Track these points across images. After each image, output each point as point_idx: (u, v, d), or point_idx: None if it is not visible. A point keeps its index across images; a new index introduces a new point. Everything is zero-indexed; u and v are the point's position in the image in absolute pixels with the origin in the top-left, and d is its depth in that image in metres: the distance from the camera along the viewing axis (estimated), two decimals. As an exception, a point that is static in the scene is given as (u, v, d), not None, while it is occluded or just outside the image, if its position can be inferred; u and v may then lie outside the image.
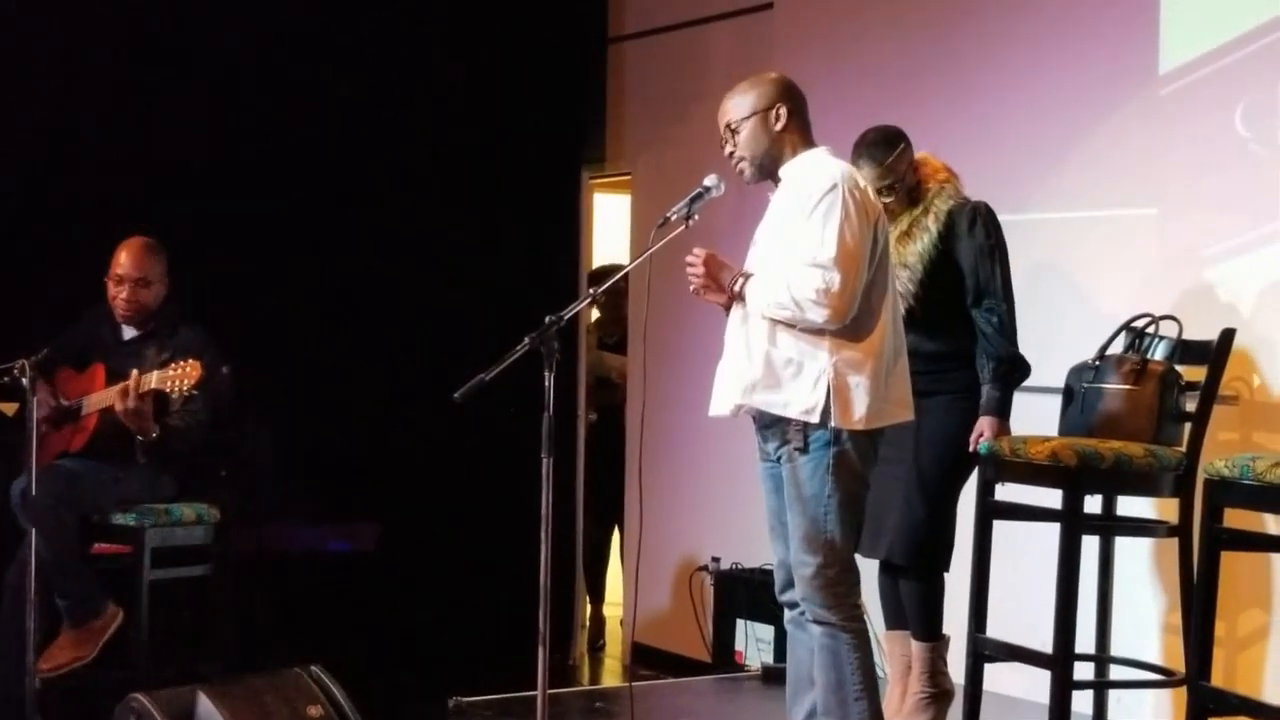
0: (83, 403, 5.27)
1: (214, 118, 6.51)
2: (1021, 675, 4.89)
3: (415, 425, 6.83)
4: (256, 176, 6.57)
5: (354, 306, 6.85)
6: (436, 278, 7.00)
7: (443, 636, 6.52)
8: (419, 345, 6.72)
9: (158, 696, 4.62)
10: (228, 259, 6.41)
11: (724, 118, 4.14)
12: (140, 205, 6.03)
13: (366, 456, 6.73)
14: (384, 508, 6.67)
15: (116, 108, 6.33)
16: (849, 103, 5.59)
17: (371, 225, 6.89)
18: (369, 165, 6.88)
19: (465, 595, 6.75)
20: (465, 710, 4.97)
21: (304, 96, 6.71)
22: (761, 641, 6.08)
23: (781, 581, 4.17)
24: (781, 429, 4.03)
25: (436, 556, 6.77)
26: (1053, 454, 4.33)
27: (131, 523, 5.22)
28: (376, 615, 6.53)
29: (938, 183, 4.67)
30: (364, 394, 6.79)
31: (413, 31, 6.96)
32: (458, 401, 3.80)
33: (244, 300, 6.39)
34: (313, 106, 6.75)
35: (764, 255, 4.12)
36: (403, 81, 6.96)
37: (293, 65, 6.70)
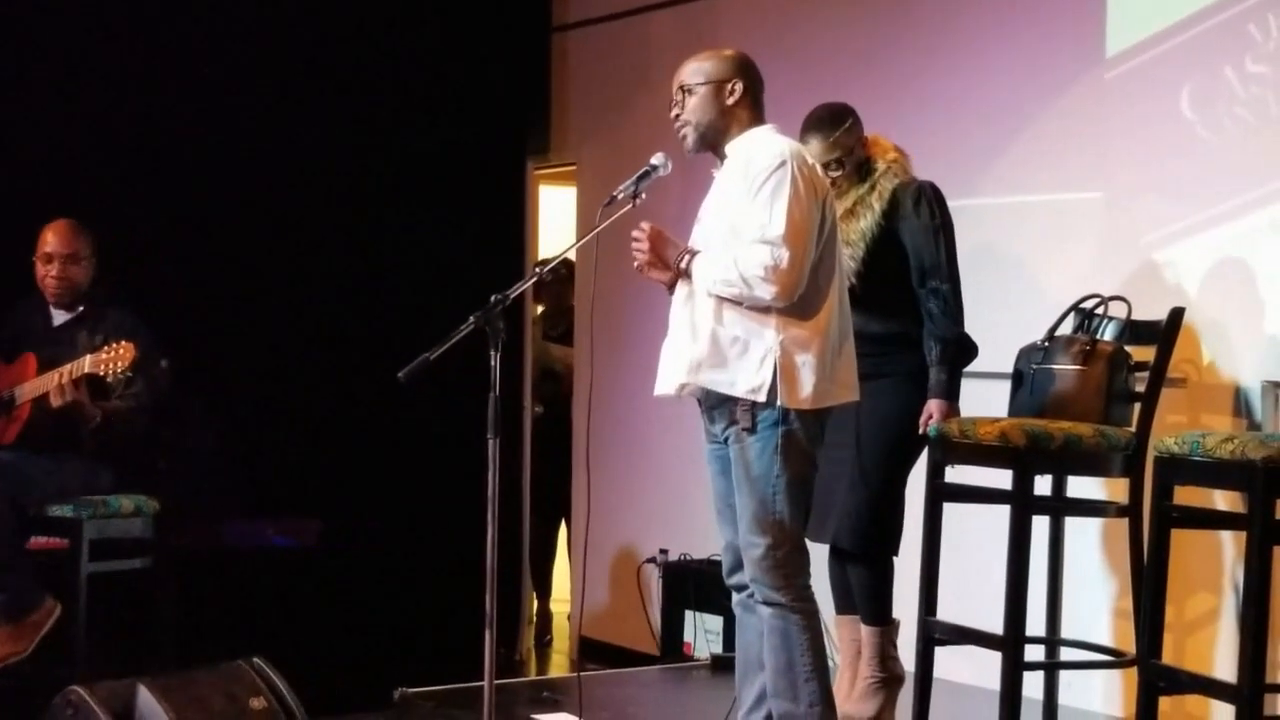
0: (15, 393, 5.18)
1: (147, 103, 6.42)
2: (972, 662, 4.87)
3: (358, 420, 6.76)
4: (193, 165, 6.49)
5: (295, 299, 6.76)
6: (380, 270, 6.94)
7: (387, 630, 6.45)
8: (362, 339, 6.64)
9: (96, 690, 4.54)
10: (163, 248, 6.32)
11: (678, 80, 4.11)
12: (69, 194, 5.92)
13: (308, 451, 6.65)
14: (326, 502, 6.59)
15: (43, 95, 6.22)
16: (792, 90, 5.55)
17: (313, 217, 6.81)
18: (311, 156, 6.79)
19: (409, 588, 6.68)
20: (410, 701, 4.91)
21: (243, 85, 6.63)
22: (710, 633, 6.04)
23: (729, 564, 4.13)
24: (728, 409, 3.99)
25: (380, 550, 6.70)
26: (1002, 434, 4.31)
27: (69, 514, 5.13)
28: (320, 609, 6.45)
29: (886, 162, 4.64)
30: (305, 388, 6.71)
31: (355, 20, 6.89)
32: (402, 381, 3.74)
33: (182, 291, 6.30)
34: (252, 95, 6.66)
35: (709, 232, 4.08)
36: (345, 71, 6.88)
37: (234, 54, 6.62)
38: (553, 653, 7.39)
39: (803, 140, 4.56)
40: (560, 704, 4.87)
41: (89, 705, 4.47)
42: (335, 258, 6.85)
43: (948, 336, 4.53)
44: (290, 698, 4.76)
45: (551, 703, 4.93)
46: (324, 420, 6.72)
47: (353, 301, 6.85)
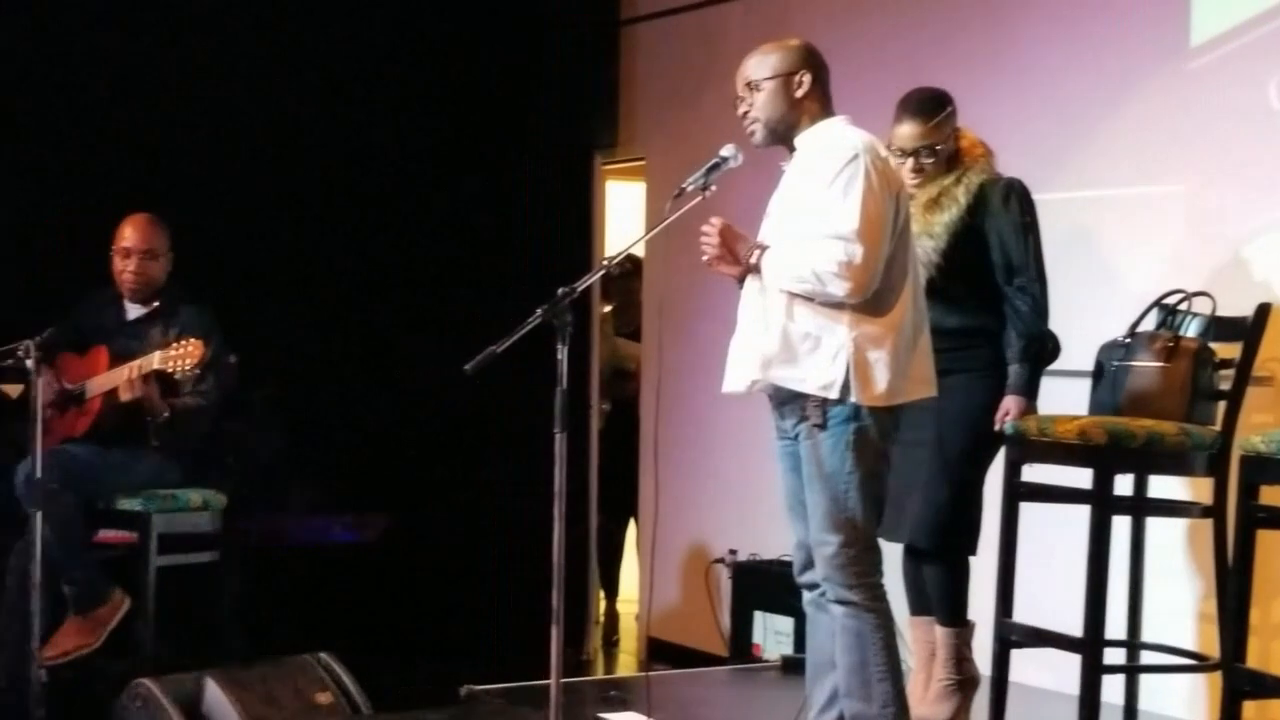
0: (85, 386, 5.21)
1: (220, 98, 6.44)
2: (1050, 665, 4.77)
3: (425, 416, 6.76)
4: (265, 163, 6.50)
5: (364, 296, 6.77)
6: (448, 266, 6.93)
7: (453, 626, 6.43)
8: (429, 336, 6.62)
9: (164, 683, 4.58)
10: (234, 244, 6.34)
11: (744, 76, 4.04)
12: (144, 189, 5.96)
13: (375, 446, 6.65)
14: (393, 497, 6.58)
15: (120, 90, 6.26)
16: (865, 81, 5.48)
17: (382, 212, 6.82)
18: (380, 152, 6.81)
19: (476, 585, 6.66)
20: (476, 698, 4.87)
21: (313, 82, 6.64)
22: (780, 634, 5.96)
23: (801, 562, 4.07)
24: (799, 405, 3.92)
25: (446, 546, 6.70)
26: (1081, 433, 4.22)
27: (138, 508, 5.17)
28: (386, 605, 6.44)
29: (973, 156, 4.55)
30: (373, 383, 6.72)
31: (425, 15, 6.87)
32: (468, 374, 3.69)
33: (252, 287, 6.33)
34: (324, 90, 6.68)
35: (778, 226, 4.01)
36: (414, 67, 6.88)
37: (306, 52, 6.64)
38: (620, 653, 7.35)
39: (897, 122, 4.49)
40: (627, 703, 4.81)
41: (156, 697, 4.50)
42: (404, 253, 6.85)
43: (1033, 332, 4.44)
44: (356, 693, 4.77)
45: (618, 702, 4.88)
46: (391, 416, 6.72)
47: (422, 297, 6.84)
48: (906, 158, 4.51)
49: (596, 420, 7.39)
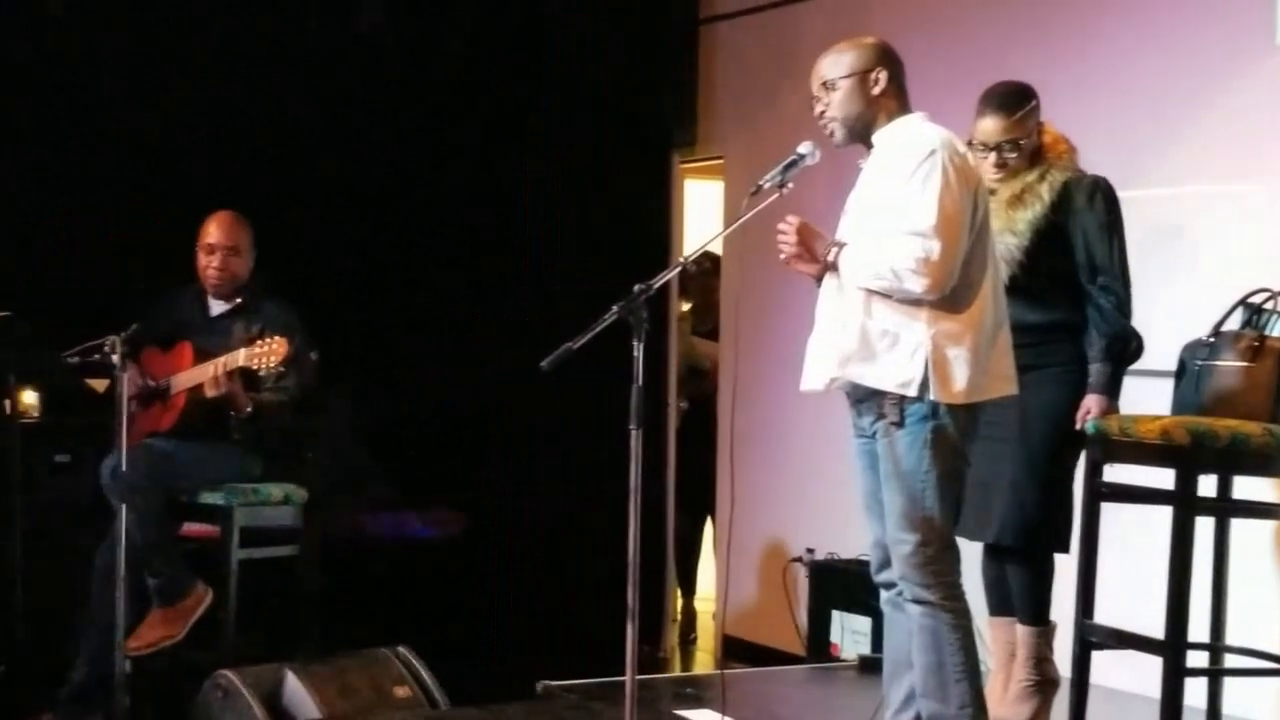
0: (170, 382, 5.27)
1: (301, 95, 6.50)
2: (1131, 668, 4.72)
3: (503, 413, 6.79)
4: (344, 159, 6.56)
5: (443, 292, 6.82)
6: (527, 264, 6.95)
7: (530, 622, 6.46)
8: (507, 334, 6.65)
9: (245, 674, 4.63)
10: (317, 241, 6.41)
11: (819, 76, 4.02)
12: (226, 185, 6.03)
13: (453, 443, 6.69)
14: (471, 494, 6.61)
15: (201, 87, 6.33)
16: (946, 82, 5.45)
17: (461, 211, 6.86)
18: (459, 150, 6.85)
19: (553, 582, 6.68)
20: (552, 694, 4.88)
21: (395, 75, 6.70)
22: (858, 634, 5.94)
23: (878, 561, 4.05)
24: (877, 403, 3.91)
25: (524, 543, 6.72)
26: (1164, 432, 4.17)
27: (220, 502, 5.23)
28: (463, 600, 6.47)
29: (1057, 153, 4.51)
30: (452, 380, 6.76)
31: (504, 14, 6.90)
32: (544, 370, 3.71)
33: (332, 284, 6.38)
34: (403, 86, 6.73)
35: (856, 223, 3.99)
36: (494, 65, 6.91)
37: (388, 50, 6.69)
38: (697, 650, 7.35)
39: (979, 116, 4.47)
40: (703, 701, 4.81)
41: (237, 688, 4.55)
42: (483, 252, 6.88)
43: (1115, 332, 4.40)
44: (434, 687, 4.80)
45: (694, 699, 4.88)
46: (470, 413, 6.75)
47: (500, 295, 6.88)
48: (989, 152, 4.48)
49: (674, 419, 7.40)
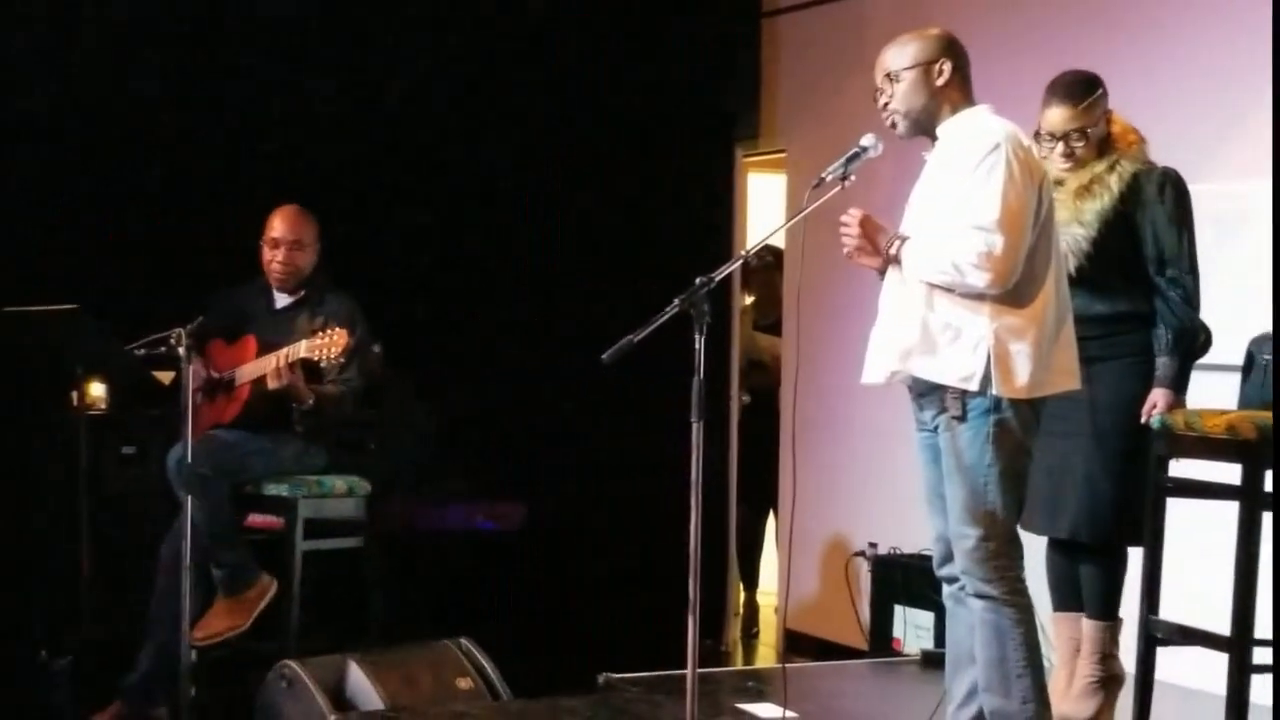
0: (235, 374, 5.31)
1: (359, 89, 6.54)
2: (1196, 665, 4.68)
3: (565, 406, 6.80)
4: (406, 151, 6.59)
5: (503, 284, 6.84)
6: (588, 257, 6.96)
7: (592, 615, 6.47)
8: (569, 327, 6.66)
9: (309, 664, 4.67)
10: (380, 235, 6.44)
11: (883, 67, 4.00)
12: (289, 176, 6.07)
13: (515, 435, 6.71)
14: (534, 487, 6.63)
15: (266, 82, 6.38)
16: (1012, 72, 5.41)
17: (522, 202, 6.88)
18: (520, 142, 6.86)
19: (615, 575, 6.69)
20: (614, 687, 4.90)
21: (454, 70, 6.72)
22: (920, 629, 5.92)
23: (940, 555, 4.03)
24: (939, 397, 3.89)
25: (585, 536, 6.73)
26: (1230, 427, 4.13)
27: (284, 493, 5.26)
28: (525, 593, 6.50)
29: (1126, 143, 4.47)
30: (513, 373, 6.78)
31: (569, 7, 6.91)
32: (605, 363, 3.71)
33: (398, 277, 6.42)
34: (465, 80, 6.75)
35: (919, 217, 3.98)
36: (556, 57, 6.92)
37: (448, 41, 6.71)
38: (759, 645, 7.35)
39: (1045, 106, 4.44)
40: (764, 694, 4.81)
41: (301, 678, 4.59)
42: (544, 243, 6.89)
43: (1184, 326, 4.36)
44: (496, 679, 4.82)
45: (756, 693, 4.88)
46: (532, 405, 6.77)
47: (561, 288, 6.89)
48: (1056, 142, 4.45)
49: (736, 412, 7.40)
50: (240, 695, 4.95)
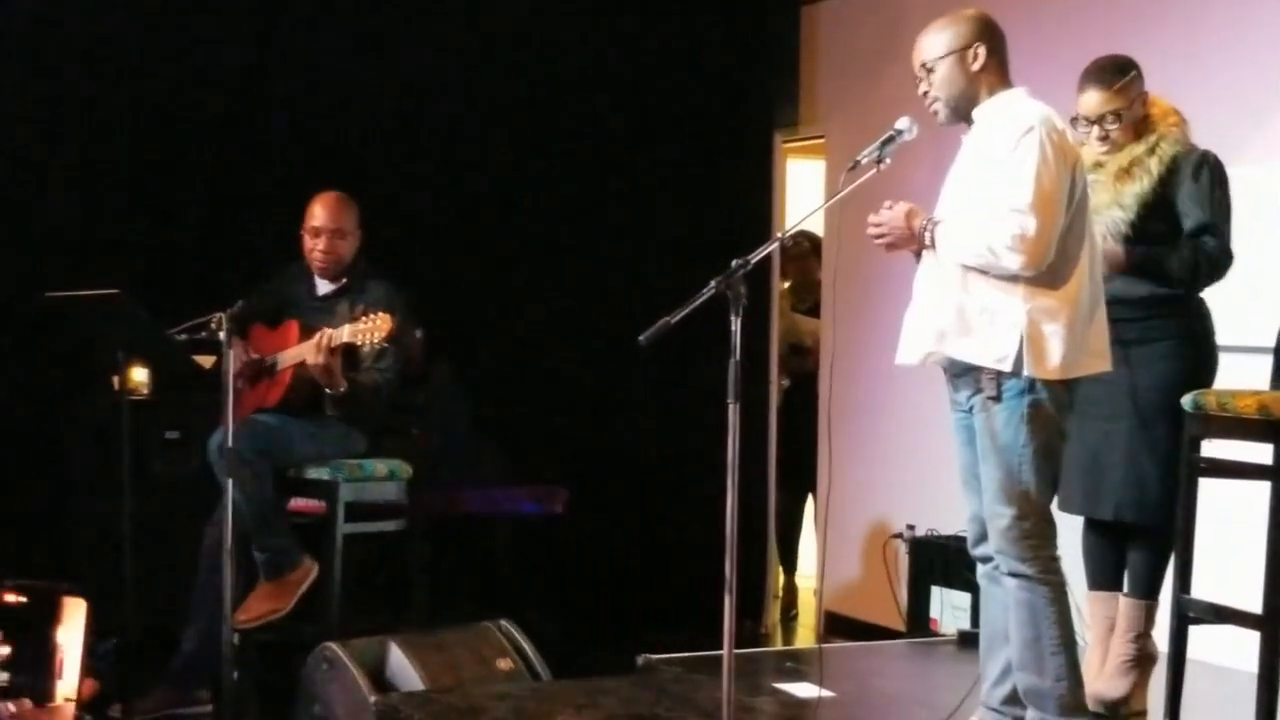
0: (278, 358, 5.35)
1: (402, 75, 6.59)
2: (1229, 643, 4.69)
3: (608, 390, 6.84)
4: (448, 137, 6.64)
5: (546, 270, 6.87)
6: (628, 243, 7.00)
7: (632, 596, 6.51)
8: (610, 312, 6.70)
9: (350, 646, 4.70)
10: (421, 221, 6.49)
11: (919, 57, 4.02)
12: (331, 162, 6.12)
13: (557, 418, 6.76)
14: (575, 469, 6.67)
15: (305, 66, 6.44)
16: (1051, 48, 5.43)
17: (563, 189, 6.91)
18: (559, 128, 6.90)
19: (656, 557, 6.74)
20: (654, 667, 4.93)
21: (496, 58, 6.75)
22: (958, 609, 5.95)
23: (975, 535, 4.06)
24: (974, 377, 3.92)
25: (627, 518, 6.77)
26: (1262, 407, 4.12)
27: (326, 477, 5.28)
28: (566, 575, 6.54)
29: (1167, 125, 4.46)
30: (554, 359, 6.82)
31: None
32: (642, 344, 3.75)
33: (440, 262, 6.46)
34: (505, 67, 6.79)
35: (954, 199, 4.00)
36: (597, 44, 6.96)
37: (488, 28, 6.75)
38: (798, 627, 7.39)
39: (1080, 91, 4.44)
40: (803, 674, 4.84)
41: (343, 660, 4.63)
42: (585, 229, 6.93)
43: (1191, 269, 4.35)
44: (536, 660, 4.86)
45: (794, 673, 4.91)
46: (575, 389, 6.81)
47: (604, 273, 6.92)
48: (1092, 126, 4.45)
49: (775, 396, 7.43)
50: (282, 678, 4.99)
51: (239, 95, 6.32)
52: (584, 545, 6.64)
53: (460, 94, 6.70)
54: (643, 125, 7.05)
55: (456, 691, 4.52)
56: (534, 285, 6.83)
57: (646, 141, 7.06)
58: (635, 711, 4.36)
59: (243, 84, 6.34)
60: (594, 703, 4.42)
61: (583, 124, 6.94)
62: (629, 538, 6.78)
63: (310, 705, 4.71)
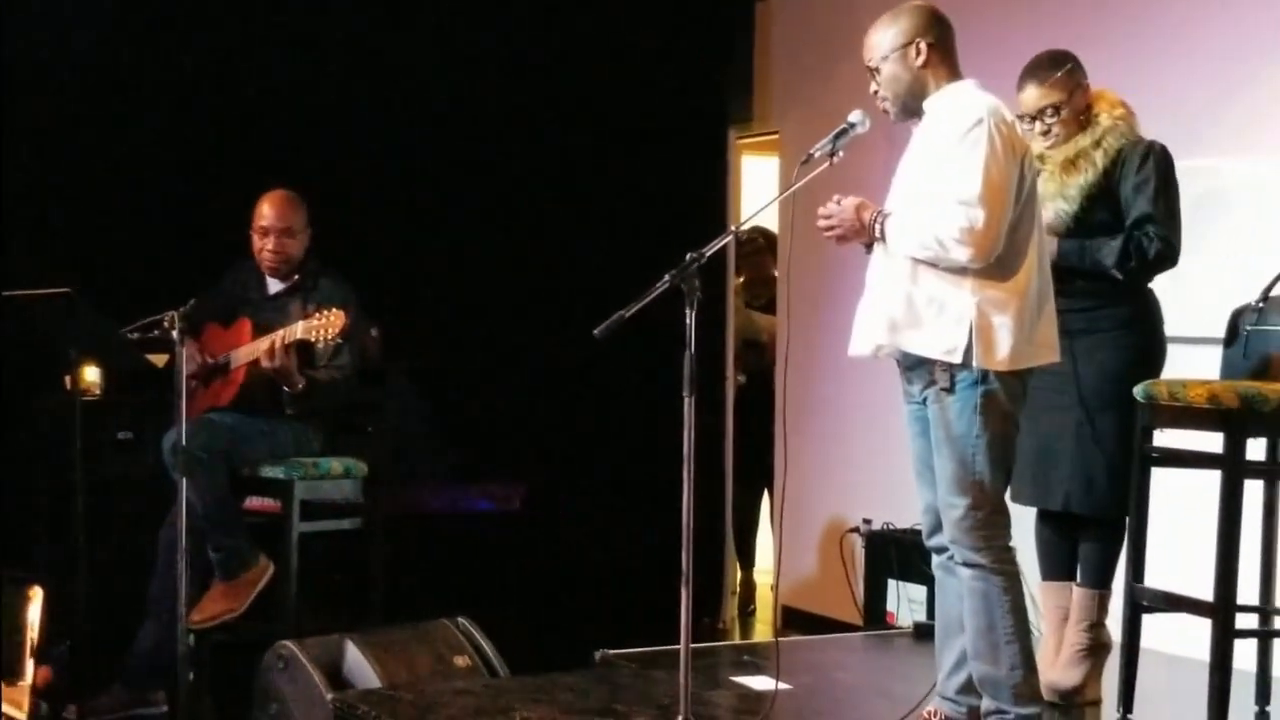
0: (231, 357, 5.33)
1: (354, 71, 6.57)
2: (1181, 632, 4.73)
3: (564, 387, 6.84)
4: (400, 134, 6.62)
5: (500, 267, 6.87)
6: (583, 240, 6.99)
7: (590, 593, 6.51)
8: (564, 309, 6.69)
9: (307, 645, 4.68)
10: (369, 218, 6.47)
11: (866, 57, 4.05)
12: (279, 160, 6.10)
13: (513, 416, 6.75)
14: (532, 466, 6.67)
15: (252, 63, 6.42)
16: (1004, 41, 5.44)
17: (518, 185, 6.90)
18: (514, 123, 6.89)
19: (613, 552, 6.74)
20: (611, 662, 4.94)
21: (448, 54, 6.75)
22: (914, 602, 5.97)
23: (929, 526, 4.08)
24: (928, 370, 3.94)
25: (584, 515, 6.77)
26: (1213, 396, 4.16)
27: (281, 475, 5.27)
28: (523, 572, 6.54)
29: (1113, 118, 4.48)
30: (510, 356, 6.81)
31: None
32: (597, 338, 3.76)
33: (391, 259, 6.44)
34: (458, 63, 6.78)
35: (904, 192, 4.01)
36: (551, 39, 6.95)
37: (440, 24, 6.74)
38: (756, 622, 7.41)
39: (1019, 89, 4.47)
40: (760, 668, 4.85)
41: (299, 659, 4.61)
42: (538, 225, 6.93)
43: (1122, 269, 4.36)
44: (493, 656, 4.85)
45: (751, 666, 4.92)
46: (531, 385, 6.81)
47: (557, 270, 6.92)
48: (1033, 121, 4.48)
49: (732, 392, 7.44)
50: (238, 678, 4.96)
51: (188, 95, 6.29)
52: (542, 542, 6.64)
53: (411, 91, 6.69)
54: (597, 122, 7.05)
55: (413, 689, 4.50)
56: (490, 281, 6.82)
57: (601, 138, 7.06)
58: (592, 707, 4.35)
59: (192, 83, 6.31)
60: (551, 698, 4.42)
61: (537, 120, 6.94)
62: (587, 534, 6.78)
63: (266, 704, 4.69)
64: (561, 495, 6.72)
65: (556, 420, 6.88)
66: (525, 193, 6.92)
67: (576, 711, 4.28)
